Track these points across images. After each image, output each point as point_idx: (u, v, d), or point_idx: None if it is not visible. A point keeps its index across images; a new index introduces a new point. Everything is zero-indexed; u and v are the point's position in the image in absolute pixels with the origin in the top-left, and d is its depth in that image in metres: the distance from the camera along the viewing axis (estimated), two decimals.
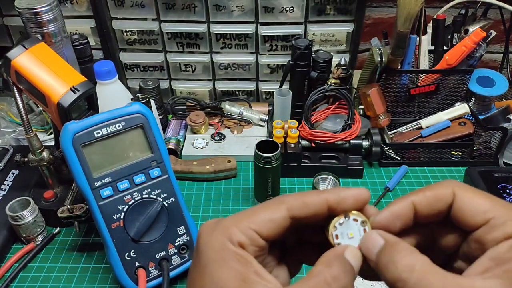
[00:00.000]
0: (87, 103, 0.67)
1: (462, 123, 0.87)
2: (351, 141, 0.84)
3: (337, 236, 0.31)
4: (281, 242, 0.34)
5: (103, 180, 0.57)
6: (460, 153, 0.88)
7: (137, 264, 0.59)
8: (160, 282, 0.61)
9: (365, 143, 0.84)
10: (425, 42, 0.87)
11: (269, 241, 0.30)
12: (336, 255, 0.29)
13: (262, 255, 0.31)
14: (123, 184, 0.59)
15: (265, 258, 0.32)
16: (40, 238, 0.72)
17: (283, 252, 0.34)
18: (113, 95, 0.80)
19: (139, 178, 0.60)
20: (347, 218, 0.31)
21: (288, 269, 0.34)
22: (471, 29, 0.86)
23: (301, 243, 0.35)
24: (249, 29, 0.93)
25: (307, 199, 0.30)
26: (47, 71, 0.62)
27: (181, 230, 0.63)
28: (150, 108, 0.82)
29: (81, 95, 0.62)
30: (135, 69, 1.02)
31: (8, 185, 0.79)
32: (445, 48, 0.89)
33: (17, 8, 0.68)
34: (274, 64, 0.99)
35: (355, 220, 0.31)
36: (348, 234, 0.31)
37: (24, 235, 0.70)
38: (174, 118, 0.98)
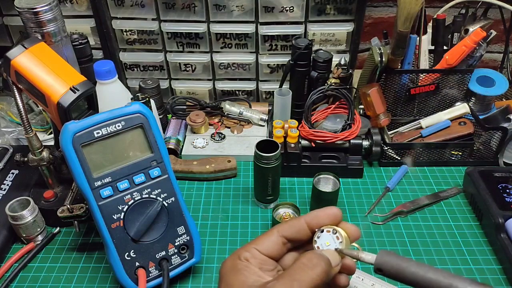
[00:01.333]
0: (87, 103, 0.67)
1: (462, 123, 0.87)
2: (351, 141, 0.84)
3: (318, 248, 0.42)
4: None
5: (103, 180, 0.57)
6: (460, 153, 0.88)
7: (137, 264, 0.59)
8: (160, 282, 0.61)
9: (365, 143, 0.84)
10: (425, 42, 0.87)
11: (274, 259, 0.43)
12: (314, 251, 0.41)
13: (268, 269, 0.42)
14: (123, 184, 0.59)
15: (273, 270, 0.43)
16: (40, 238, 0.72)
17: None
18: (113, 95, 0.80)
19: (139, 178, 0.60)
20: (322, 232, 0.43)
21: None
22: (471, 29, 0.86)
23: None
24: (249, 28, 0.93)
25: (292, 222, 0.44)
26: (47, 71, 0.62)
27: (181, 230, 0.63)
28: (150, 108, 0.82)
29: (81, 95, 0.62)
30: (135, 69, 1.02)
31: (8, 185, 0.79)
32: (445, 48, 0.89)
33: (17, 7, 0.68)
34: (274, 64, 0.99)
35: (328, 231, 0.42)
36: (325, 243, 0.42)
37: (24, 235, 0.70)
38: (174, 118, 0.98)
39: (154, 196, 0.61)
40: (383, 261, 0.40)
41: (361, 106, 0.89)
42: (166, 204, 0.61)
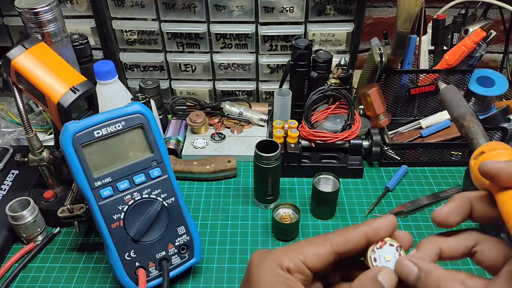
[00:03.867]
0: (87, 103, 0.67)
1: None
2: (351, 141, 0.84)
3: (375, 259, 0.35)
4: (325, 277, 0.38)
5: (103, 180, 0.57)
6: (460, 153, 0.88)
7: (137, 264, 0.59)
8: (160, 282, 0.61)
9: (365, 143, 0.84)
10: (425, 42, 0.87)
11: (313, 273, 0.34)
12: (371, 277, 0.33)
13: (307, 284, 0.35)
14: (123, 184, 0.59)
15: (311, 286, 0.36)
16: (40, 238, 0.72)
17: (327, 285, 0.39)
18: (113, 95, 0.80)
19: (139, 178, 0.60)
20: (384, 244, 0.35)
21: None
22: (471, 29, 0.86)
23: (343, 280, 0.39)
24: (249, 29, 0.93)
25: (348, 235, 0.35)
26: (47, 71, 0.62)
27: (181, 230, 0.63)
28: (150, 108, 0.82)
29: (81, 95, 0.62)
30: (135, 69, 1.02)
31: (8, 185, 0.79)
32: (445, 48, 0.89)
33: (17, 8, 0.68)
34: (274, 64, 0.99)
35: (391, 245, 0.35)
36: (385, 257, 0.35)
37: (24, 235, 0.70)
38: (174, 118, 0.98)
39: (154, 196, 0.61)
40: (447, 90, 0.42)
41: (361, 106, 0.89)
42: (166, 204, 0.61)
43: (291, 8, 0.91)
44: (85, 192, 0.57)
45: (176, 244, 0.62)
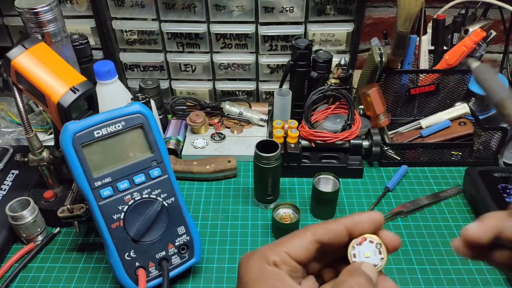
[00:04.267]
0: (87, 103, 0.67)
1: (462, 123, 0.87)
2: (351, 141, 0.84)
3: (354, 255, 0.36)
4: (321, 276, 0.39)
5: (103, 180, 0.57)
6: (460, 153, 0.88)
7: (137, 264, 0.59)
8: (160, 282, 0.61)
9: (365, 143, 0.84)
10: (425, 42, 0.87)
11: (301, 264, 0.36)
12: (355, 267, 0.35)
13: (296, 277, 0.36)
14: (123, 184, 0.59)
15: (304, 283, 0.37)
16: (40, 238, 0.72)
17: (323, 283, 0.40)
18: (113, 95, 0.80)
19: (139, 178, 0.60)
20: (363, 240, 0.36)
21: None
22: (471, 29, 0.86)
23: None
24: (249, 29, 0.93)
25: (328, 224, 0.37)
26: (47, 71, 0.62)
27: (181, 230, 0.63)
28: (150, 108, 0.82)
29: (81, 95, 0.62)
30: (135, 69, 1.02)
31: (8, 185, 0.79)
32: (445, 48, 0.89)
33: (17, 8, 0.68)
34: (274, 64, 0.99)
35: (371, 242, 0.36)
36: (364, 253, 0.36)
37: (24, 235, 0.70)
38: (174, 118, 0.98)
39: (154, 196, 0.61)
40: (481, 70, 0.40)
41: (361, 106, 0.89)
42: (166, 204, 0.61)
43: (291, 8, 0.91)
44: (85, 192, 0.57)
45: (176, 244, 0.62)
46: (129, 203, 0.59)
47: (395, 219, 0.76)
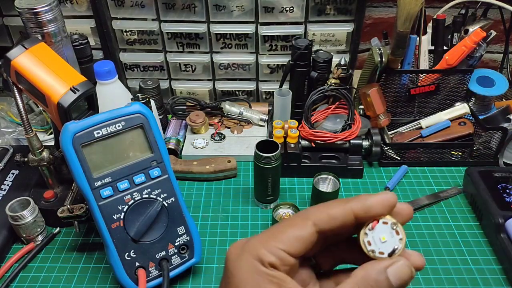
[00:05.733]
0: (87, 103, 0.67)
1: (462, 123, 0.87)
2: (351, 141, 0.84)
3: (369, 243, 0.30)
4: (316, 264, 0.35)
5: (103, 180, 0.57)
6: (460, 153, 0.88)
7: (137, 264, 0.59)
8: (160, 282, 0.61)
9: (365, 143, 0.84)
10: (425, 42, 0.87)
11: (299, 257, 0.31)
12: (378, 269, 0.29)
13: (294, 271, 0.31)
14: (123, 184, 0.59)
15: (298, 274, 0.32)
16: (40, 238, 0.72)
17: (319, 273, 0.35)
18: (113, 95, 0.80)
19: (139, 178, 0.60)
20: (376, 223, 0.31)
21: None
22: (471, 29, 0.86)
23: (337, 263, 0.35)
24: (249, 29, 0.93)
25: (332, 211, 0.30)
26: (47, 71, 0.62)
27: (181, 230, 0.63)
28: (150, 108, 0.82)
29: (81, 95, 0.62)
30: (135, 69, 1.02)
31: (8, 185, 0.79)
32: (445, 48, 0.89)
33: (17, 8, 0.68)
34: (274, 64, 0.99)
35: (385, 223, 0.31)
36: (380, 238, 0.30)
37: (24, 235, 0.70)
38: (174, 118, 0.98)
39: (154, 196, 0.61)
40: None
41: (361, 106, 0.89)
42: (166, 204, 0.61)
43: (291, 8, 0.91)
44: (85, 192, 0.57)
45: (176, 244, 0.62)
46: (129, 203, 0.59)
47: None
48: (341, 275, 0.33)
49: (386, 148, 0.86)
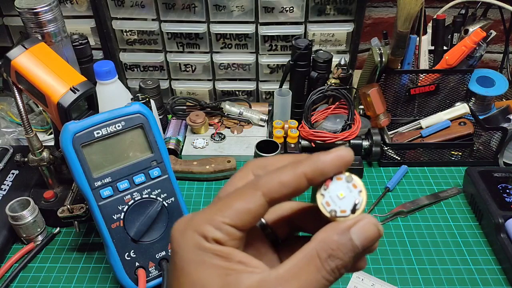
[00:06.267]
0: (87, 103, 0.67)
1: (462, 123, 0.87)
2: (351, 141, 0.84)
3: (327, 203, 0.28)
4: (273, 234, 0.33)
5: (103, 180, 0.57)
6: (460, 153, 0.88)
7: (137, 264, 0.59)
8: (160, 282, 0.61)
9: (365, 143, 0.84)
10: (425, 42, 0.87)
11: (248, 230, 0.28)
12: (340, 229, 0.27)
13: (245, 243, 0.29)
14: (123, 184, 0.59)
15: (252, 245, 0.30)
16: (40, 238, 0.72)
17: (276, 242, 0.33)
18: (113, 95, 0.80)
19: (139, 178, 0.60)
20: (329, 181, 0.29)
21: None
22: (471, 29, 0.86)
23: (294, 231, 0.33)
24: (249, 29, 0.93)
25: (284, 177, 0.27)
26: (47, 71, 0.62)
27: None
28: (150, 108, 0.82)
29: (81, 95, 0.62)
30: (135, 69, 1.02)
31: (8, 185, 0.79)
32: (445, 48, 0.89)
33: (17, 8, 0.68)
34: (274, 64, 0.99)
35: (339, 178, 0.29)
36: (338, 195, 0.28)
37: (24, 235, 0.70)
38: (174, 118, 0.98)
39: (154, 196, 0.61)
40: None
41: (361, 106, 0.89)
42: (166, 204, 0.61)
43: (291, 8, 0.91)
44: (85, 192, 0.57)
45: None
46: (129, 203, 0.59)
47: (395, 219, 0.76)
48: (303, 243, 0.29)
49: (386, 148, 0.86)
